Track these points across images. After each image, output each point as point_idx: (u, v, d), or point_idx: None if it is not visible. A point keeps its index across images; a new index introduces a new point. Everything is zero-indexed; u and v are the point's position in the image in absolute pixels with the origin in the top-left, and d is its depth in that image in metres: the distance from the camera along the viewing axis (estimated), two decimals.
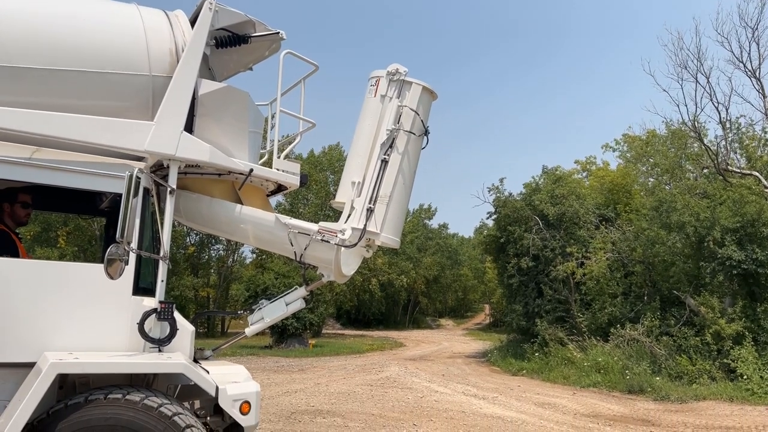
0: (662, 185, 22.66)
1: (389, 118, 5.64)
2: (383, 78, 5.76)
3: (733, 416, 11.68)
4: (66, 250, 25.59)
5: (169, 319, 4.53)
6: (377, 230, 5.51)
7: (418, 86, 5.75)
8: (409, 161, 5.79)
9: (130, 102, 4.76)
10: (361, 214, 5.50)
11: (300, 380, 15.60)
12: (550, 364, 18.49)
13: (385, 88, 5.74)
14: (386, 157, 5.58)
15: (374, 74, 5.88)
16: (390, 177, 5.59)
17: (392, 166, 5.60)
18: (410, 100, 5.71)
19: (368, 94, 5.89)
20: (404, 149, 5.68)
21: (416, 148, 5.87)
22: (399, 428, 9.97)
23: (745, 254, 15.05)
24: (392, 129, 5.61)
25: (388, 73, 5.72)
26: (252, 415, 4.63)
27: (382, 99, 5.74)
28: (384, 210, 5.55)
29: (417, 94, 5.74)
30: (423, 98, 5.81)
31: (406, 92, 5.72)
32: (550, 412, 12.10)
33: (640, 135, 26.97)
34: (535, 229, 21.74)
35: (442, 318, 60.20)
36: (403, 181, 5.72)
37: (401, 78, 5.71)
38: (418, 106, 5.74)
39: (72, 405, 3.88)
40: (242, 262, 39.27)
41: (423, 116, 5.81)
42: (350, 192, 5.65)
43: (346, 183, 5.80)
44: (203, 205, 5.40)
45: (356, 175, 5.70)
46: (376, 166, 5.58)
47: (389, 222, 5.62)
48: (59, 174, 4.41)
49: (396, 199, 5.66)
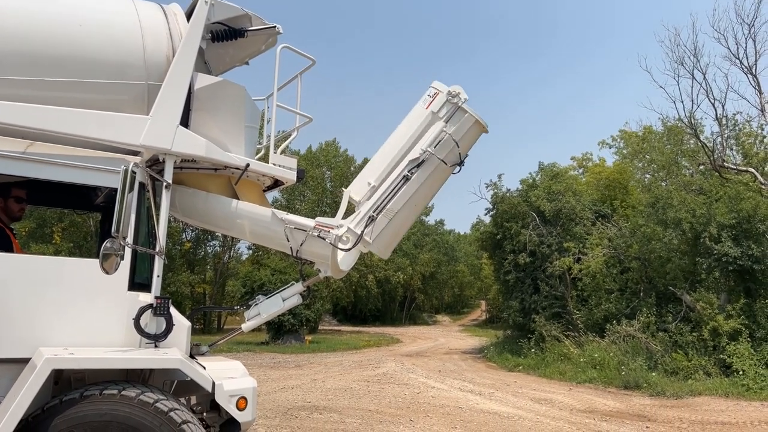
0: (658, 181, 22.72)
1: (429, 138, 5.49)
2: (442, 94, 5.57)
3: (728, 412, 11.73)
4: (61, 246, 25.47)
5: (165, 314, 4.50)
6: (370, 240, 5.44)
7: (471, 118, 5.54)
8: (430, 187, 5.64)
9: (125, 96, 4.72)
10: (362, 218, 5.44)
11: (296, 376, 15.59)
12: (546, 360, 18.52)
13: (439, 106, 5.55)
14: (409, 174, 5.44)
15: (435, 86, 5.68)
16: (405, 195, 5.46)
17: (411, 185, 5.44)
18: (457, 130, 5.51)
19: (421, 103, 5.70)
20: (430, 174, 5.52)
21: (443, 177, 5.70)
22: (396, 424, 9.97)
23: (741, 250, 15.09)
24: (426, 151, 5.45)
25: (449, 93, 5.52)
26: (248, 411, 4.61)
27: (431, 115, 5.56)
28: (385, 223, 5.46)
29: (466, 126, 5.53)
30: (471, 131, 5.61)
31: (456, 119, 5.53)
32: (546, 407, 12.12)
33: (637, 131, 27.05)
34: (531, 225, 21.77)
35: (439, 314, 60.26)
36: (415, 203, 5.59)
37: (458, 104, 5.51)
38: (463, 138, 5.54)
39: (67, 401, 3.86)
40: (238, 259, 39.21)
41: (464, 148, 5.61)
42: (363, 191, 5.58)
43: (363, 181, 5.70)
44: (199, 201, 5.37)
45: (375, 177, 5.59)
46: (396, 179, 5.46)
47: (385, 236, 5.54)
48: (54, 168, 4.38)
49: (401, 216, 5.55)
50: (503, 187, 24.41)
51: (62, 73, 4.54)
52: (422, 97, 5.74)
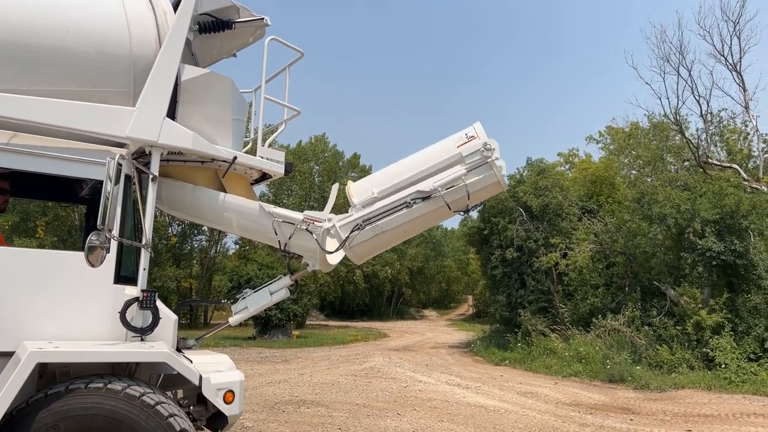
0: (644, 177, 22.92)
1: (445, 178, 5.27)
2: (477, 141, 5.31)
3: (711, 404, 11.90)
4: (45, 240, 25.19)
5: (151, 307, 4.47)
6: (349, 245, 5.38)
7: (494, 176, 5.30)
8: (425, 221, 5.53)
9: (111, 87, 4.67)
10: (351, 223, 5.37)
11: (284, 371, 15.57)
12: (532, 354, 18.66)
13: (470, 151, 5.29)
14: (411, 203, 5.26)
15: (476, 130, 5.42)
16: (398, 220, 5.33)
17: (409, 213, 5.30)
18: (475, 182, 5.28)
19: (455, 139, 5.46)
20: (431, 211, 5.36)
21: (441, 216, 5.56)
22: (383, 417, 10.00)
23: (724, 245, 15.29)
24: (437, 190, 5.25)
25: (485, 144, 5.27)
26: (236, 405, 4.60)
27: (459, 156, 5.32)
28: (369, 236, 5.38)
29: (486, 182, 5.32)
30: (489, 188, 5.44)
31: (480, 172, 5.28)
32: (532, 401, 12.22)
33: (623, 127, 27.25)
34: (518, 220, 21.88)
35: (426, 309, 60.45)
36: (405, 231, 5.50)
37: (488, 158, 5.25)
38: (477, 192, 5.36)
39: (52, 394, 3.82)
40: (225, 253, 39.02)
41: (474, 200, 5.44)
42: (363, 196, 5.48)
43: (368, 185, 5.59)
44: (186, 193, 5.33)
45: (380, 189, 5.45)
46: (398, 201, 5.31)
47: (364, 247, 5.49)
48: (38, 160, 4.32)
49: (387, 237, 5.48)
50: None
51: (46, 64, 4.47)
52: (458, 133, 5.51)
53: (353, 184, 5.76)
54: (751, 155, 22.96)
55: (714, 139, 22.35)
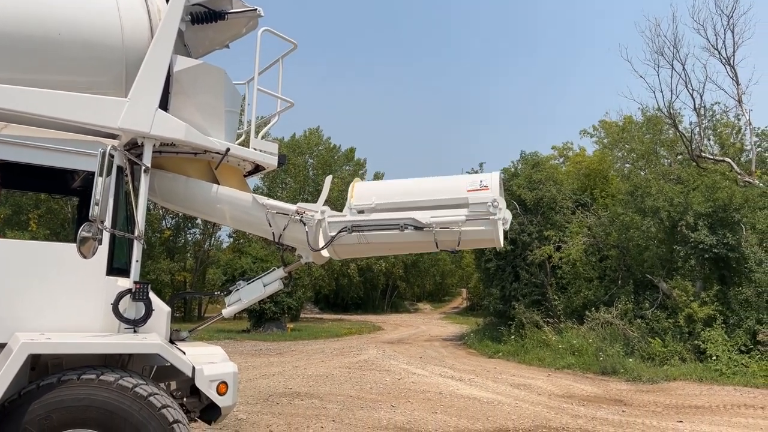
0: (637, 171, 23.00)
1: (444, 217, 5.17)
2: (487, 194, 5.13)
3: (702, 396, 12.00)
4: (38, 233, 25.04)
5: (144, 299, 4.47)
6: (332, 245, 5.37)
7: (491, 233, 5.14)
8: (411, 247, 5.48)
9: (103, 77, 4.65)
10: (341, 224, 5.33)
11: (278, 363, 15.59)
12: (525, 347, 18.75)
13: (477, 201, 5.13)
14: (403, 227, 5.19)
15: (491, 181, 5.22)
16: (386, 237, 5.29)
17: (398, 236, 5.22)
18: (471, 232, 5.16)
19: (468, 181, 5.33)
20: (420, 240, 5.31)
21: (427, 248, 5.46)
22: (377, 409, 10.04)
23: (717, 239, 15.38)
24: (431, 225, 5.16)
25: (494, 200, 5.08)
26: (229, 396, 4.61)
27: (465, 200, 5.18)
28: (354, 241, 5.36)
29: (482, 236, 5.20)
30: (483, 241, 5.37)
31: (479, 224, 5.14)
32: (525, 393, 12.29)
33: (617, 121, 27.30)
34: (512, 213, 21.88)
35: (420, 302, 60.57)
36: (389, 248, 5.50)
37: (490, 214, 5.09)
38: (470, 240, 5.28)
39: (44, 385, 3.82)
40: (219, 247, 38.93)
41: (464, 246, 5.33)
42: (363, 200, 5.43)
43: (371, 192, 5.53)
44: (179, 185, 5.32)
45: (381, 201, 5.38)
46: (392, 219, 5.25)
47: (346, 249, 5.49)
48: (29, 151, 4.30)
49: (369, 247, 5.47)
50: None
51: (37, 54, 4.44)
52: (473, 177, 5.45)
53: (358, 184, 5.73)
54: (744, 149, 23.10)
55: (707, 132, 22.45)
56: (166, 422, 3.98)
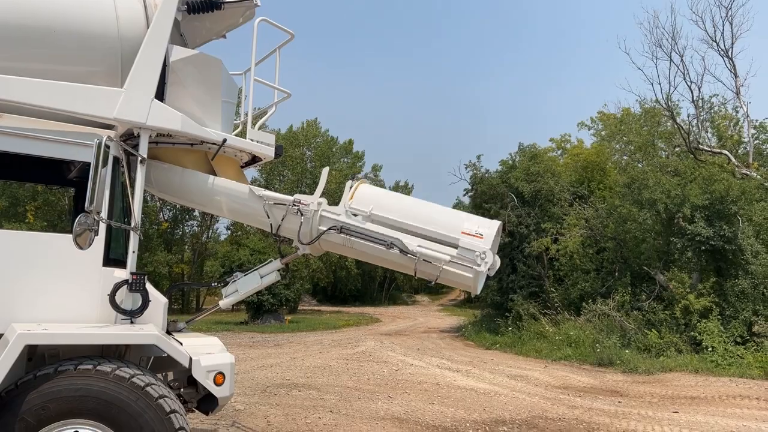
0: (635, 163, 23.01)
1: (430, 251, 5.11)
2: (480, 243, 5.07)
3: (697, 387, 12.06)
4: (35, 225, 24.99)
5: (140, 290, 4.47)
6: (320, 240, 5.37)
7: (471, 280, 5.13)
8: (392, 265, 5.45)
9: (98, 68, 4.62)
10: (333, 221, 5.31)
11: (276, 355, 15.63)
12: (522, 338, 18.82)
13: (467, 247, 5.07)
14: (390, 245, 5.15)
15: (487, 230, 5.19)
16: (371, 249, 5.26)
17: (382, 252, 5.20)
18: (454, 274, 5.12)
19: (466, 222, 5.29)
20: (401, 263, 5.27)
21: (407, 271, 5.40)
22: (374, 400, 10.08)
23: (714, 231, 15.43)
24: (417, 255, 5.10)
25: (483, 252, 5.03)
26: (226, 386, 4.62)
27: (458, 242, 5.11)
28: (339, 241, 5.34)
29: (460, 280, 5.18)
30: (461, 285, 5.33)
31: (464, 269, 5.08)
32: (522, 383, 12.34)
33: (615, 113, 27.28)
34: (510, 206, 21.95)
35: (418, 294, 60.62)
36: (371, 259, 5.47)
37: (476, 264, 5.03)
38: (449, 279, 5.25)
39: (41, 376, 3.82)
40: (217, 239, 38.92)
41: (443, 282, 5.33)
42: (362, 205, 5.37)
43: (370, 200, 5.45)
44: (175, 176, 5.30)
45: (377, 211, 5.32)
46: (382, 233, 5.20)
47: (328, 245, 5.49)
48: (24, 141, 4.28)
49: (352, 251, 5.46)
50: (482, 168, 24.59)
51: (32, 44, 4.42)
52: (475, 219, 5.38)
53: (363, 186, 5.67)
54: (742, 141, 23.09)
55: (705, 125, 22.44)
56: (163, 412, 3.99)
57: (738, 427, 8.88)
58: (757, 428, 8.82)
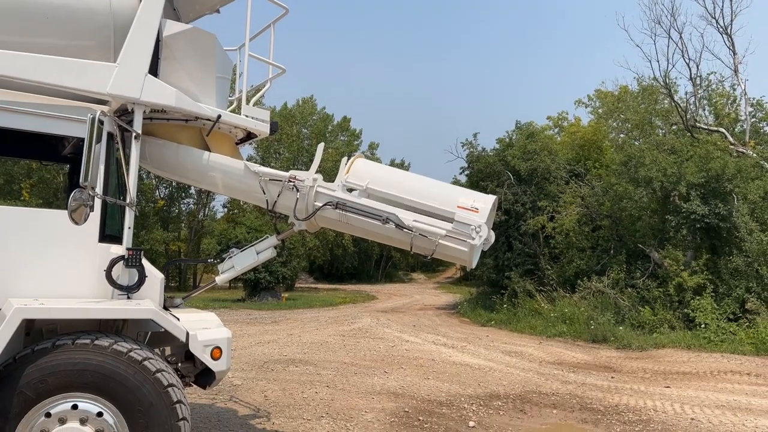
0: (632, 141, 23.00)
1: (425, 226, 5.09)
2: (476, 217, 5.05)
3: (689, 362, 12.23)
4: (30, 202, 24.95)
5: (137, 266, 4.49)
6: (315, 216, 5.36)
7: (464, 253, 5.11)
8: (388, 240, 5.43)
9: (91, 42, 4.57)
10: (328, 197, 5.29)
11: (273, 331, 15.75)
12: (518, 315, 18.99)
13: (462, 221, 5.05)
14: (386, 220, 5.12)
15: (485, 205, 5.17)
16: (367, 225, 5.23)
17: (378, 227, 5.17)
18: (446, 247, 5.09)
19: (464, 198, 5.24)
20: (397, 238, 5.25)
21: (403, 246, 5.36)
22: (370, 375, 10.19)
23: (709, 209, 15.49)
24: (413, 229, 5.09)
25: (479, 226, 5.02)
26: (223, 361, 4.66)
27: (451, 215, 5.09)
28: (335, 217, 5.32)
29: (455, 253, 5.14)
30: (457, 258, 5.29)
31: (457, 243, 5.08)
32: (516, 359, 12.49)
33: (613, 91, 27.17)
34: (506, 184, 21.96)
35: (415, 272, 60.86)
36: (366, 234, 5.43)
37: (470, 238, 5.02)
38: (443, 254, 5.20)
39: (39, 350, 3.85)
40: (213, 216, 38.92)
41: (439, 256, 5.25)
42: (358, 179, 5.34)
43: (367, 174, 5.41)
44: (170, 152, 5.28)
45: (373, 186, 5.29)
46: (378, 209, 5.18)
47: (323, 221, 5.47)
48: (17, 117, 4.25)
49: (346, 227, 5.44)
50: (479, 146, 24.54)
51: (24, 17, 4.37)
52: (472, 195, 5.34)
53: (360, 161, 5.62)
54: (739, 119, 23.07)
55: (702, 102, 22.40)
56: (160, 386, 4.04)
57: (728, 401, 9.03)
58: (747, 402, 8.96)
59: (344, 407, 7.99)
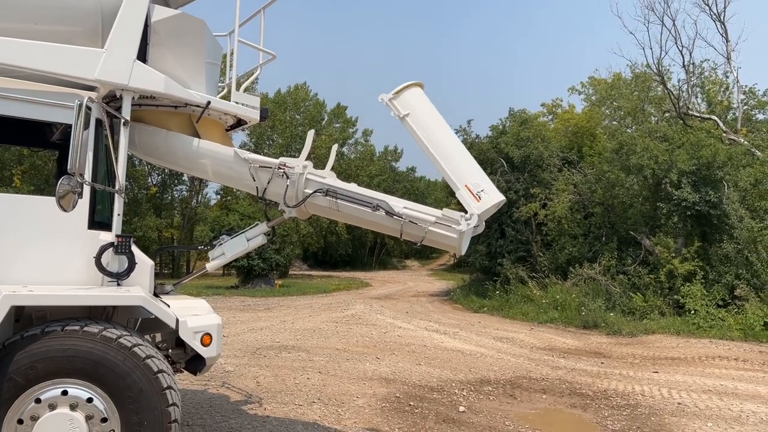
0: (624, 128, 23.04)
1: (416, 213, 5.09)
2: (474, 206, 4.99)
3: (678, 348, 12.37)
4: (21, 189, 24.79)
5: (126, 252, 4.48)
6: (305, 203, 5.34)
7: (454, 241, 5.06)
8: (378, 228, 5.38)
9: (78, 27, 4.53)
10: (318, 184, 5.27)
11: (266, 318, 15.79)
12: (510, 302, 19.11)
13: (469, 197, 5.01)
14: (376, 208, 5.11)
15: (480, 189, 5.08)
16: (357, 212, 5.21)
17: (368, 214, 5.16)
18: (437, 234, 5.05)
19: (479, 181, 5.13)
20: (386, 224, 5.20)
21: (393, 233, 5.32)
22: (362, 361, 10.26)
23: (699, 196, 15.59)
24: (402, 216, 5.06)
25: (470, 215, 4.97)
26: (213, 347, 4.68)
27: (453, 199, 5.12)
28: (323, 204, 5.30)
29: (445, 241, 5.09)
30: (447, 246, 5.26)
31: (449, 231, 5.02)
32: (507, 345, 12.60)
33: (606, 78, 27.15)
34: (500, 171, 21.99)
35: (408, 259, 61.07)
36: (357, 221, 5.42)
37: (467, 227, 4.96)
38: (433, 241, 5.16)
39: (28, 336, 3.86)
40: (206, 204, 38.80)
41: (429, 244, 5.22)
42: (403, 109, 5.31)
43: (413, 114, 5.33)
44: (160, 139, 5.26)
45: (414, 129, 5.25)
46: (367, 197, 5.18)
47: (314, 209, 5.45)
48: (3, 102, 4.22)
49: (338, 215, 5.40)
50: (473, 133, 24.53)
51: (10, 2, 4.33)
52: (482, 183, 5.21)
53: (416, 90, 5.41)
54: (731, 107, 23.13)
55: (695, 90, 22.43)
56: (150, 372, 4.05)
57: (715, 386, 9.16)
58: (733, 387, 9.09)
59: (336, 393, 8.05)
